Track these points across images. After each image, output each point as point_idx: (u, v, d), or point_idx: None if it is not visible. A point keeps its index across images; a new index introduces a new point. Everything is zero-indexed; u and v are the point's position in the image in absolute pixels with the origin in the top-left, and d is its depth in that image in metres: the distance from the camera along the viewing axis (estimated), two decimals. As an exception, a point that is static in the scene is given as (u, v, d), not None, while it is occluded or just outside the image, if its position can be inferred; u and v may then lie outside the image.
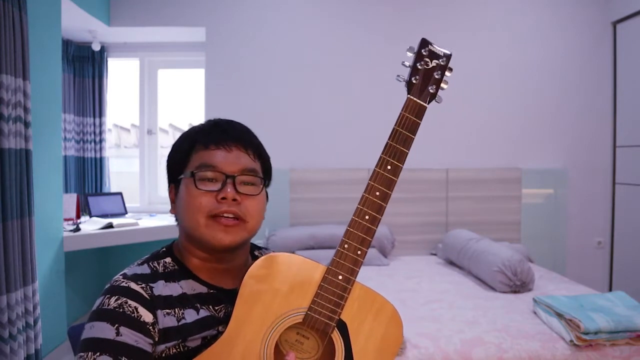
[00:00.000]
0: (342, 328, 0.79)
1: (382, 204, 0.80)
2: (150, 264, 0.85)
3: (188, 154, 0.87)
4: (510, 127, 3.46)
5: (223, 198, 0.82)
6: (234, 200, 0.83)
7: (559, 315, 1.81)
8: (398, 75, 0.84)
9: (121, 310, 0.75)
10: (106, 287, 0.80)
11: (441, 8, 3.40)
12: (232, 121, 0.92)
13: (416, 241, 3.40)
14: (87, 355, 0.72)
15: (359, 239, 0.79)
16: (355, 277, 0.79)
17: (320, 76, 3.41)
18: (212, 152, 0.85)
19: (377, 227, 0.80)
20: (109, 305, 0.76)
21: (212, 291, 0.85)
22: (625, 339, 1.72)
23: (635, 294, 2.11)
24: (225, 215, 0.82)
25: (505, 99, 3.45)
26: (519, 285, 2.35)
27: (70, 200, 3.04)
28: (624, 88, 3.33)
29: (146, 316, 0.76)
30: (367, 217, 0.80)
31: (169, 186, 0.93)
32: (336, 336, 0.79)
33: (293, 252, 1.04)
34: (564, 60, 3.45)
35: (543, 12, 3.44)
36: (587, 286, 2.57)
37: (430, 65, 0.81)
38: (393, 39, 3.39)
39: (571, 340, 1.70)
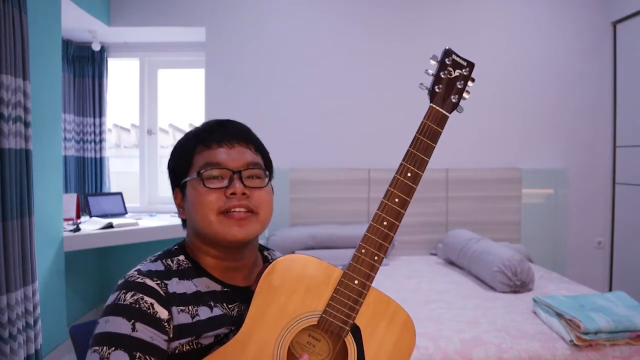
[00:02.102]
0: (356, 332, 0.79)
1: (401, 210, 0.81)
2: (163, 261, 0.85)
3: (190, 156, 0.88)
4: (510, 127, 3.46)
5: (232, 193, 0.83)
6: (243, 194, 0.84)
7: (559, 315, 1.81)
8: (421, 84, 0.84)
9: (137, 306, 0.75)
10: (120, 282, 0.80)
11: (441, 8, 3.40)
12: (230, 119, 0.93)
13: (416, 241, 3.40)
14: (101, 350, 0.72)
15: (377, 245, 0.80)
16: (371, 282, 0.79)
17: (320, 76, 3.41)
18: (214, 151, 0.86)
19: (395, 234, 0.81)
20: (125, 300, 0.76)
21: (225, 289, 0.85)
22: (625, 339, 1.72)
23: (635, 294, 2.11)
24: (237, 210, 0.83)
25: (506, 99, 3.45)
26: (519, 285, 2.35)
27: (70, 200, 3.04)
28: (624, 88, 3.33)
29: (162, 313, 0.76)
30: (385, 223, 0.80)
31: (173, 192, 0.93)
32: (349, 340, 0.79)
33: (294, 252, 1.04)
34: (564, 60, 3.46)
35: (543, 12, 3.45)
36: (587, 286, 2.57)
37: (454, 75, 0.81)
38: (393, 39, 3.39)
39: (571, 340, 1.70)
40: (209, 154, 0.86)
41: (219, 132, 0.89)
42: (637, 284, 3.08)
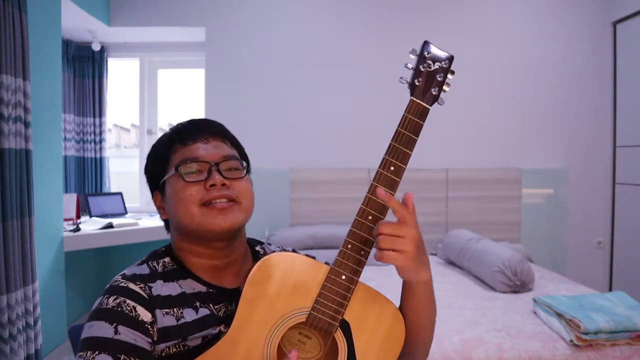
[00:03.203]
0: (345, 328, 0.79)
1: (385, 204, 0.80)
2: (149, 263, 0.85)
3: (167, 156, 0.88)
4: (510, 127, 3.46)
5: (212, 185, 0.83)
6: (223, 185, 0.84)
7: (559, 315, 1.81)
8: (401, 77, 0.84)
9: (119, 309, 0.75)
10: (106, 287, 0.80)
11: (441, 8, 3.40)
12: (203, 118, 0.94)
13: (416, 241, 3.39)
14: (86, 355, 0.72)
15: (362, 240, 0.79)
16: (359, 277, 0.79)
17: (320, 76, 3.41)
18: (191, 147, 0.87)
19: None
20: (107, 304, 0.76)
21: (211, 290, 0.85)
22: (625, 339, 1.72)
23: (635, 294, 2.11)
24: (218, 200, 0.83)
25: (505, 99, 3.45)
26: (519, 285, 2.35)
27: (70, 200, 3.05)
28: (624, 88, 3.33)
29: (144, 315, 0.76)
30: (370, 217, 0.79)
31: (152, 195, 0.93)
32: (339, 336, 0.79)
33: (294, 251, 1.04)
34: (564, 60, 3.45)
35: (543, 12, 3.45)
36: (587, 286, 2.57)
37: (433, 68, 0.81)
38: (393, 39, 3.39)
39: (571, 340, 1.70)
40: (185, 150, 0.87)
41: (193, 129, 0.89)
42: (637, 284, 3.08)
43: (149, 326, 0.76)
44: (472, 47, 3.39)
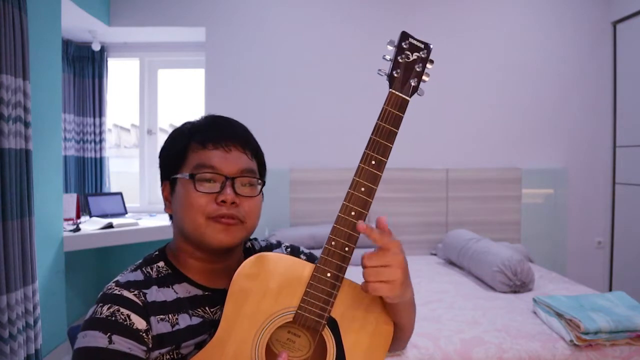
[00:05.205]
0: (333, 325, 0.79)
1: (368, 199, 0.79)
2: (143, 269, 0.84)
3: (184, 152, 0.86)
4: (510, 127, 3.46)
5: (223, 201, 0.82)
6: (233, 203, 0.82)
7: (559, 315, 1.81)
8: (379, 70, 0.83)
9: (113, 318, 0.75)
10: (99, 295, 0.80)
11: (442, 9, 3.40)
12: (229, 119, 0.91)
13: (416, 241, 3.40)
14: None
15: (346, 236, 0.78)
16: (344, 274, 0.79)
17: (320, 76, 3.41)
18: (210, 152, 0.84)
19: None
20: (101, 314, 0.75)
21: (207, 293, 0.85)
22: (625, 339, 1.72)
23: (635, 294, 2.11)
24: (225, 218, 0.82)
25: (506, 99, 3.45)
26: (519, 285, 2.35)
27: (70, 200, 3.04)
28: (624, 88, 3.33)
29: (139, 323, 0.76)
30: (353, 213, 0.79)
31: (162, 183, 0.90)
32: (327, 333, 0.79)
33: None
34: (564, 60, 3.45)
35: (543, 12, 3.45)
36: (587, 286, 2.57)
37: (411, 58, 0.80)
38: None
39: (571, 340, 1.70)
40: (203, 154, 0.84)
41: (216, 132, 0.86)
42: (637, 284, 3.08)
43: (144, 334, 0.76)
44: (473, 47, 3.40)
